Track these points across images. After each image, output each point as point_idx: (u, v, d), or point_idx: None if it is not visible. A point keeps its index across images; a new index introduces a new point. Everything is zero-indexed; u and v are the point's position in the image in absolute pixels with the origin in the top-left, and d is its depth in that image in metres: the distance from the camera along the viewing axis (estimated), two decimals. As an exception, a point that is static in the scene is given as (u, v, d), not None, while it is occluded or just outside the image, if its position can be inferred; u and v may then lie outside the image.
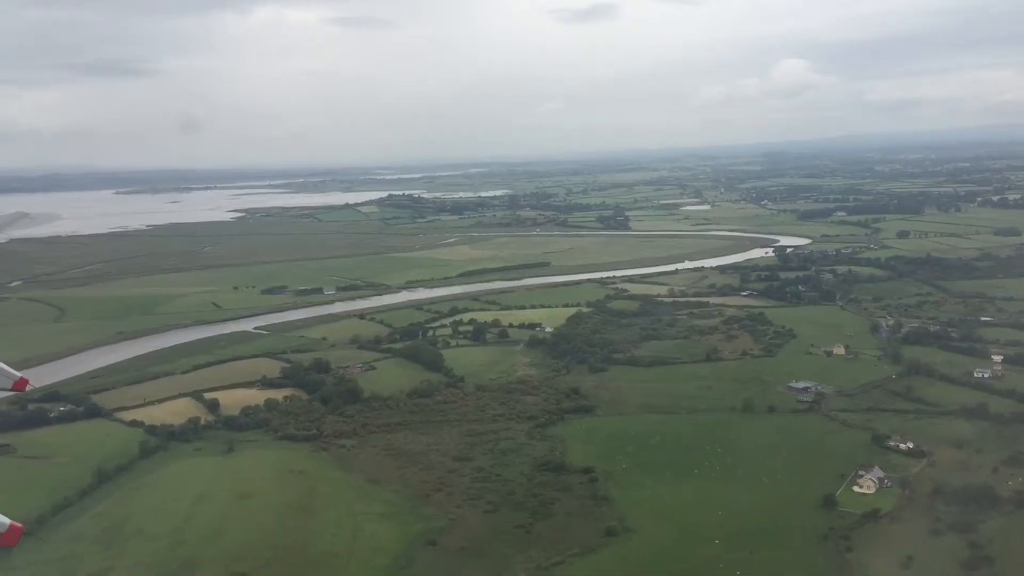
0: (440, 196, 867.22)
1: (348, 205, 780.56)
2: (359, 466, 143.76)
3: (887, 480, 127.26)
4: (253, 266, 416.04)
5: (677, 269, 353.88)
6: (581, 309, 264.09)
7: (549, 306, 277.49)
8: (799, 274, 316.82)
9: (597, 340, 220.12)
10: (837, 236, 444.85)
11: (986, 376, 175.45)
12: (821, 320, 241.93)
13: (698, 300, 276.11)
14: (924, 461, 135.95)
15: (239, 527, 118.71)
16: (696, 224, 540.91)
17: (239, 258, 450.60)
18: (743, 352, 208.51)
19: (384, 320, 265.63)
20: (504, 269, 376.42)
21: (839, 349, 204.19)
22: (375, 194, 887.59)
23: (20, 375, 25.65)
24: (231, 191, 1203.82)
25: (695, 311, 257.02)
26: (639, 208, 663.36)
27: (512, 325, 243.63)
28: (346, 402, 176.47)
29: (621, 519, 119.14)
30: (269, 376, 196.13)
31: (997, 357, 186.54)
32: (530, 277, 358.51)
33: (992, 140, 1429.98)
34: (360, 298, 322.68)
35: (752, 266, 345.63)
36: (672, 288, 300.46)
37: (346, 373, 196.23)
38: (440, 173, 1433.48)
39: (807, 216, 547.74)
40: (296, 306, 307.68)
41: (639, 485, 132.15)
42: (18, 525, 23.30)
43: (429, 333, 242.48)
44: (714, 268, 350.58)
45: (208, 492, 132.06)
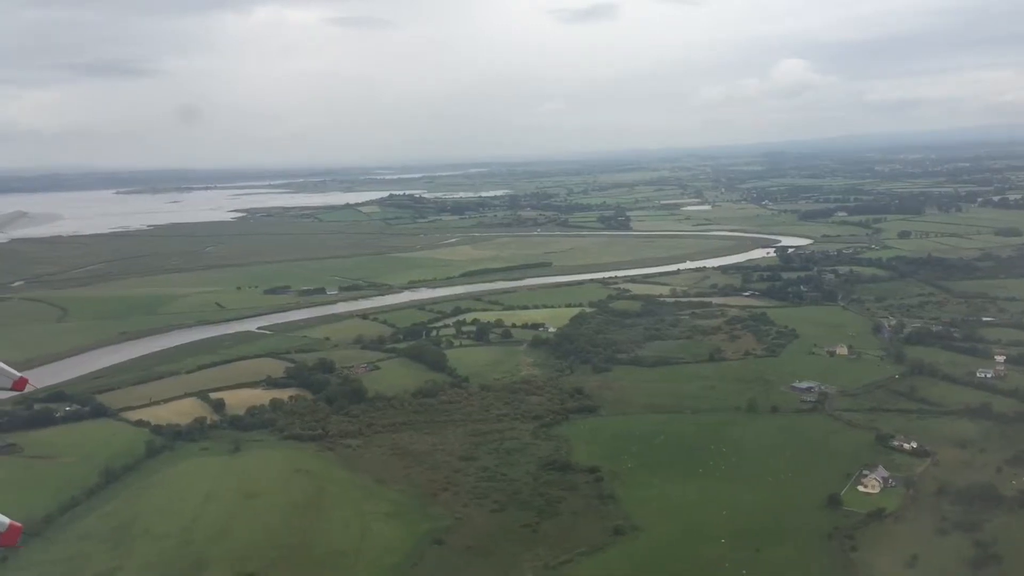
0: (441, 196, 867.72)
1: (349, 205, 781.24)
2: (365, 466, 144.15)
3: (891, 480, 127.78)
4: (255, 266, 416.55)
5: (679, 269, 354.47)
6: (584, 309, 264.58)
7: (552, 306, 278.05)
8: (801, 274, 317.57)
9: (600, 340, 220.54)
10: (838, 236, 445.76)
11: (989, 376, 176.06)
12: (823, 320, 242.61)
13: (700, 300, 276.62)
14: (928, 461, 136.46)
15: (247, 526, 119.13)
16: (697, 224, 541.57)
17: (241, 258, 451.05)
18: (746, 352, 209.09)
19: (387, 320, 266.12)
20: (506, 269, 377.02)
21: (842, 349, 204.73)
22: (375, 194, 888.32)
23: (20, 375, 25.64)
24: (231, 191, 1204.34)
25: (697, 311, 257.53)
26: (640, 208, 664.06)
27: (515, 325, 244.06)
28: (351, 402, 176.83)
29: (627, 518, 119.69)
30: (274, 376, 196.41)
31: (1000, 357, 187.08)
32: (532, 277, 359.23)
33: (992, 140, 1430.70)
34: (362, 298, 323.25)
35: (754, 266, 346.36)
36: (674, 288, 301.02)
37: (350, 373, 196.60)
38: (440, 173, 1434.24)
39: (808, 216, 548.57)
40: (299, 306, 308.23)
41: (645, 484, 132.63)
42: (17, 525, 23.19)
43: (432, 333, 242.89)
44: (716, 268, 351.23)
45: (215, 492, 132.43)
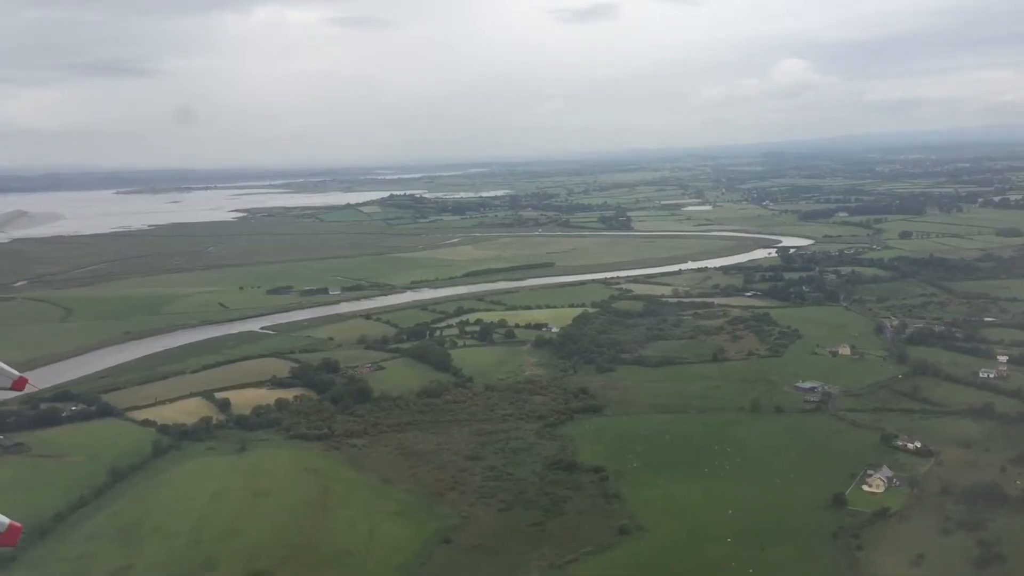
0: (441, 196, 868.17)
1: (349, 205, 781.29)
2: (371, 465, 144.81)
3: (896, 479, 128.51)
4: (257, 266, 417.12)
5: (680, 269, 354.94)
6: (586, 309, 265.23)
7: (554, 306, 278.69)
8: (803, 275, 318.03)
9: (604, 340, 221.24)
10: (839, 237, 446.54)
11: (991, 376, 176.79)
12: (826, 320, 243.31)
13: (703, 300, 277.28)
14: (932, 460, 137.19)
15: (255, 525, 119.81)
16: (698, 225, 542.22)
17: (242, 258, 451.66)
18: (749, 352, 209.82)
19: (390, 320, 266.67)
20: (508, 269, 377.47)
21: (844, 349, 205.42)
22: (376, 194, 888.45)
23: (19, 374, 25.42)
24: (232, 191, 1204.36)
25: (700, 311, 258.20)
26: (641, 208, 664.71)
27: (518, 325, 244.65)
28: (356, 402, 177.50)
29: (633, 518, 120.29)
30: (278, 376, 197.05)
31: (1002, 357, 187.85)
32: (534, 277, 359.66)
33: (992, 140, 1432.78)
34: (365, 298, 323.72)
35: (755, 267, 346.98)
36: (676, 289, 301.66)
37: (355, 373, 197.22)
38: (440, 173, 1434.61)
39: (809, 217, 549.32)
40: (302, 306, 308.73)
41: (650, 484, 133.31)
42: (17, 524, 23.09)
43: (436, 333, 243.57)
44: (717, 269, 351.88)
45: (223, 491, 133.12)
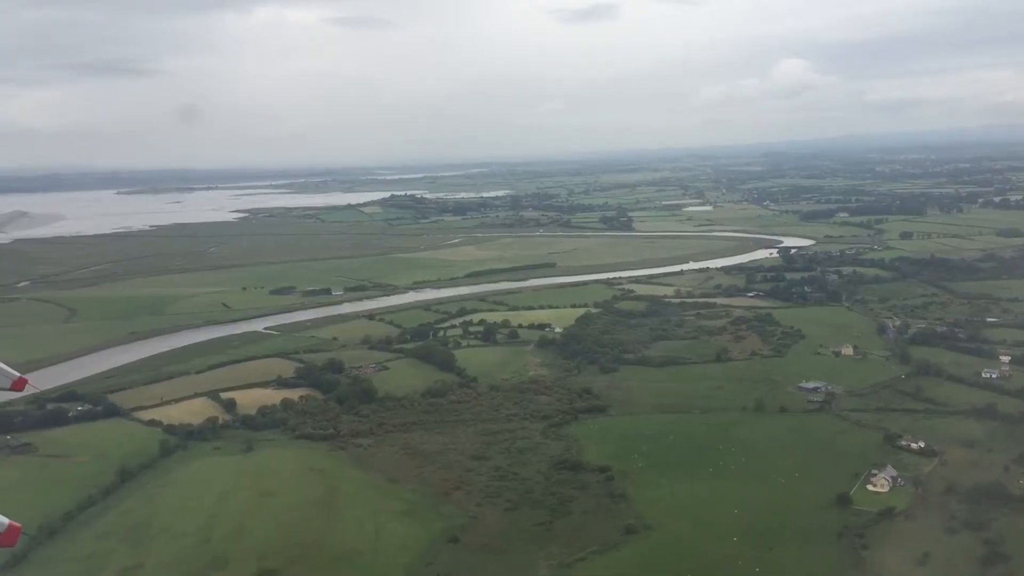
0: (442, 196, 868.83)
1: (350, 205, 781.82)
2: (377, 465, 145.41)
3: (900, 479, 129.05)
4: (259, 267, 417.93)
5: (682, 270, 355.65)
6: (589, 310, 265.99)
7: (557, 307, 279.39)
8: (804, 275, 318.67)
9: (607, 340, 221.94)
10: (840, 237, 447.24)
11: (994, 376, 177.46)
12: (828, 321, 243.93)
13: (705, 301, 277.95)
14: (936, 460, 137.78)
15: (264, 524, 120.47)
16: (699, 225, 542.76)
17: (245, 259, 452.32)
18: (752, 352, 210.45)
19: (393, 321, 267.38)
20: (510, 270, 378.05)
21: (847, 349, 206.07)
22: (377, 194, 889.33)
23: (19, 375, 25.29)
24: (232, 191, 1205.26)
25: (703, 312, 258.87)
26: (641, 209, 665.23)
27: (521, 326, 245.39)
28: (361, 402, 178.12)
29: (639, 517, 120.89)
30: (283, 376, 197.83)
31: (1005, 358, 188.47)
32: (536, 278, 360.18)
33: (992, 140, 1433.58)
34: (368, 299, 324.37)
35: (757, 267, 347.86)
36: (679, 289, 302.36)
37: (360, 373, 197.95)
38: (441, 173, 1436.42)
39: (810, 217, 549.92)
40: (305, 307, 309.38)
41: (655, 484, 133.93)
42: (16, 525, 23.19)
43: (439, 334, 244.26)
44: (719, 269, 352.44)
45: (230, 490, 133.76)
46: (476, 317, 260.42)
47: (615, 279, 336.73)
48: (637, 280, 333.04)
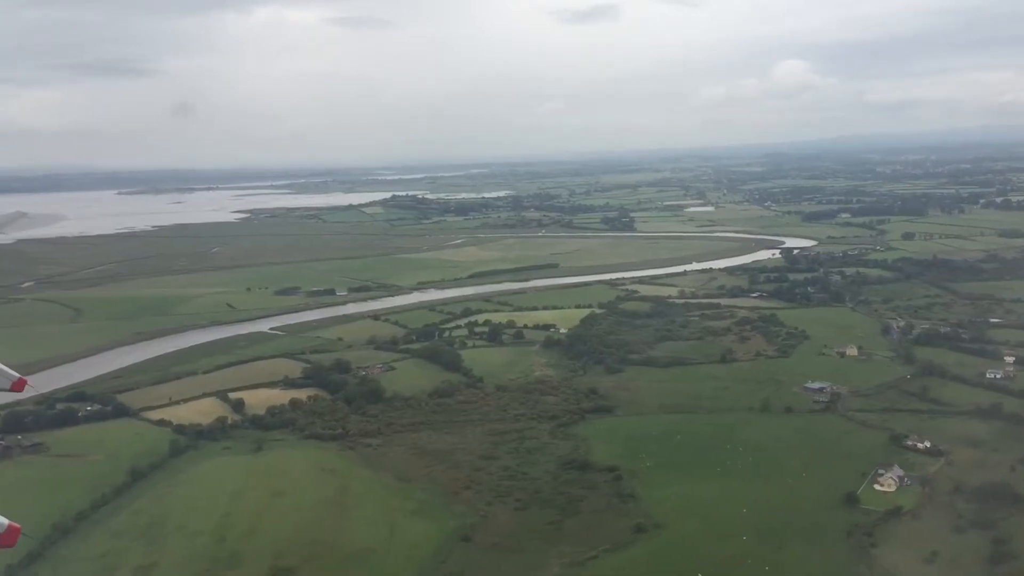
0: (443, 197, 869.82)
1: (352, 206, 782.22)
2: (387, 465, 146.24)
3: (907, 478, 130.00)
4: (262, 267, 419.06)
5: (685, 271, 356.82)
6: (594, 310, 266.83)
7: (561, 307, 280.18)
8: (807, 276, 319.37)
9: (612, 341, 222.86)
10: (843, 238, 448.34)
11: (998, 377, 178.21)
12: (832, 321, 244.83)
13: (709, 301, 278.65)
14: (942, 460, 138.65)
15: (277, 523, 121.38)
16: (701, 226, 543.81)
17: (248, 259, 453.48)
18: (757, 353, 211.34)
19: (398, 321, 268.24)
20: (513, 270, 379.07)
21: (852, 350, 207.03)
22: (378, 195, 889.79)
23: (19, 376, 25.43)
24: (233, 191, 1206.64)
25: (707, 312, 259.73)
26: (643, 209, 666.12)
27: (526, 326, 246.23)
28: (369, 402, 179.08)
29: (649, 516, 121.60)
30: (291, 376, 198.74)
31: (1009, 358, 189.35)
32: (539, 278, 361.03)
33: (992, 141, 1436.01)
34: (372, 299, 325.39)
35: (760, 268, 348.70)
36: (682, 290, 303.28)
37: (367, 373, 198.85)
38: (441, 174, 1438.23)
39: (812, 217, 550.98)
40: (309, 307, 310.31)
41: (664, 483, 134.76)
42: (16, 525, 23.50)
43: (445, 334, 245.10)
44: (722, 270, 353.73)
45: (242, 489, 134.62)
46: (481, 318, 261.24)
47: (618, 280, 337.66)
48: (640, 281, 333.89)
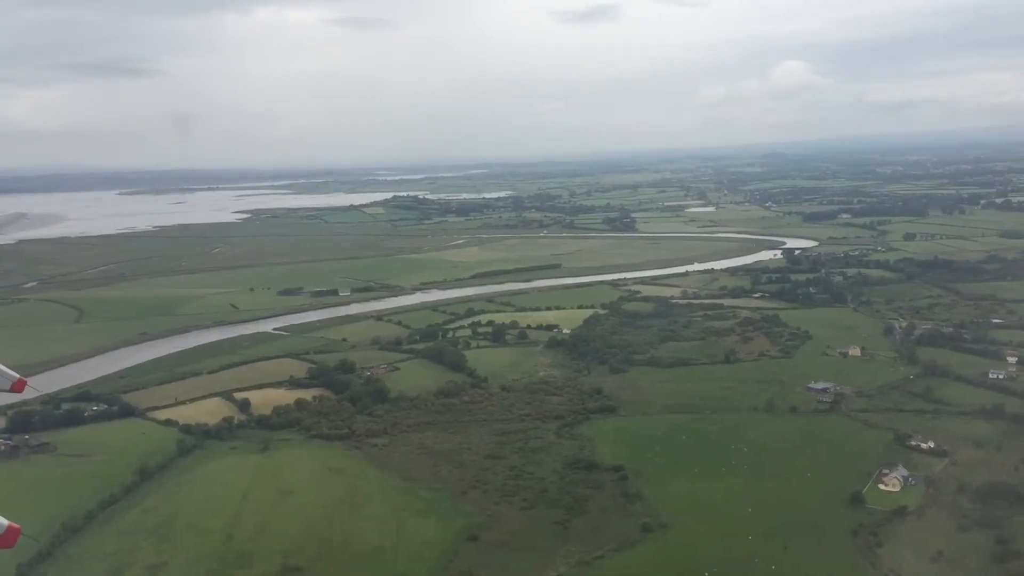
0: (444, 197, 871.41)
1: (353, 206, 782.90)
2: (393, 464, 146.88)
3: (912, 478, 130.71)
4: (265, 267, 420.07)
5: (687, 271, 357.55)
6: (596, 311, 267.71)
7: (564, 308, 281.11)
8: (809, 276, 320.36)
9: (616, 341, 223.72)
10: (844, 238, 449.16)
11: (1001, 377, 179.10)
12: (835, 322, 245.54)
13: (711, 302, 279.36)
14: (946, 460, 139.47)
15: (286, 522, 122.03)
16: (702, 226, 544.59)
17: (250, 259, 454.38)
18: (760, 353, 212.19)
19: (402, 321, 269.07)
20: (515, 271, 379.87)
21: (855, 350, 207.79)
22: (379, 195, 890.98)
23: (19, 376, 25.49)
24: (234, 192, 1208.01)
25: (709, 313, 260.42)
26: (644, 210, 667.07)
27: (529, 326, 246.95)
28: (374, 402, 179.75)
29: (655, 515, 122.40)
30: (296, 376, 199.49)
31: (1012, 359, 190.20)
32: (542, 279, 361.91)
33: (991, 142, 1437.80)
34: (375, 299, 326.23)
35: (762, 268, 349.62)
36: (685, 290, 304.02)
37: (372, 374, 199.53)
38: (442, 174, 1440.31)
39: (813, 218, 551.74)
40: (313, 307, 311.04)
41: (670, 483, 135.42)
42: (15, 526, 23.48)
43: (449, 334, 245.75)
44: (724, 270, 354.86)
45: (251, 489, 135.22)
46: (484, 318, 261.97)
47: (620, 280, 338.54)
48: (642, 281, 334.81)
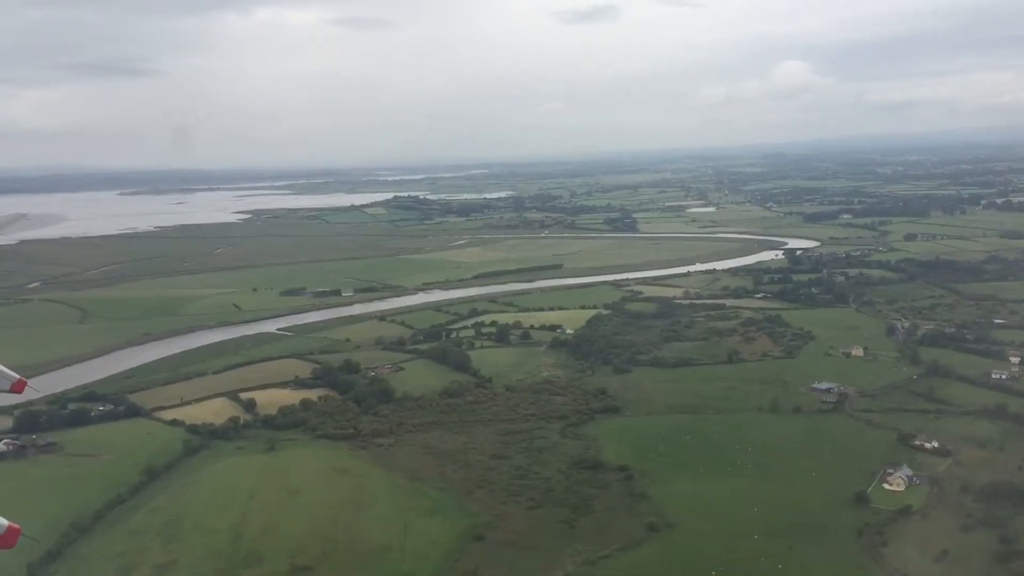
0: (445, 198, 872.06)
1: (354, 207, 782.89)
2: (399, 464, 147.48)
3: (916, 478, 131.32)
4: (266, 268, 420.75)
5: (689, 272, 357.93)
6: (599, 311, 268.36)
7: (566, 308, 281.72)
8: (811, 277, 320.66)
9: (619, 342, 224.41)
10: (845, 238, 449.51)
11: (1004, 377, 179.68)
12: (837, 322, 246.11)
13: (714, 302, 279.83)
14: (950, 460, 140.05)
15: (294, 522, 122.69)
16: (703, 226, 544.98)
17: (252, 260, 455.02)
18: (763, 354, 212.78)
19: (405, 322, 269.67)
20: (517, 271, 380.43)
21: (858, 351, 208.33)
22: (379, 195, 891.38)
23: (19, 377, 25.58)
24: (234, 192, 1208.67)
25: (712, 313, 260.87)
26: (645, 210, 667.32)
27: (533, 327, 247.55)
28: (379, 402, 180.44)
29: (661, 515, 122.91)
30: (300, 377, 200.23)
31: (1014, 359, 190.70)
32: (544, 279, 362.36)
33: (992, 142, 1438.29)
34: (378, 300, 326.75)
35: (764, 268, 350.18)
36: (687, 290, 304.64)
37: (377, 374, 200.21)
38: (442, 174, 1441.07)
39: (813, 218, 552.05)
40: (315, 308, 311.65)
41: (675, 483, 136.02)
42: (15, 526, 23.67)
43: (452, 335, 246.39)
44: (726, 271, 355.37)
45: (258, 489, 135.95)
46: (487, 318, 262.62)
47: (622, 280, 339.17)
48: (644, 282, 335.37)
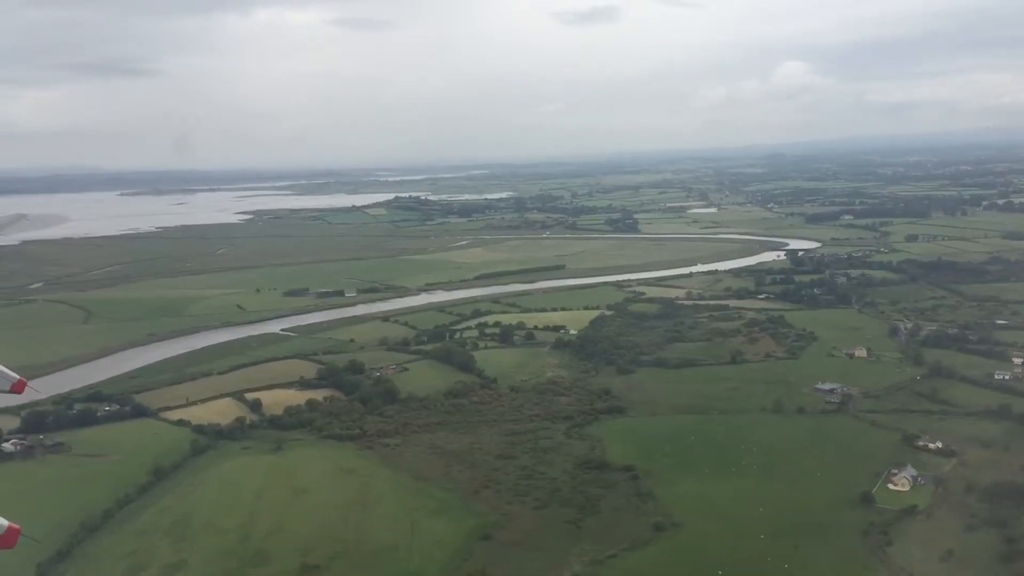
0: (446, 198, 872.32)
1: (355, 207, 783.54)
2: (405, 464, 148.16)
3: (920, 478, 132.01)
4: (269, 268, 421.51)
5: (691, 272, 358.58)
6: (602, 312, 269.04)
7: (569, 308, 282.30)
8: (813, 277, 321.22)
9: (623, 342, 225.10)
10: (847, 239, 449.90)
11: (1007, 378, 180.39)
12: (840, 323, 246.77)
13: (717, 303, 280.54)
14: (954, 460, 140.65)
15: (301, 522, 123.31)
16: (705, 227, 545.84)
17: (255, 260, 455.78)
18: (766, 354, 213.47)
19: (408, 322, 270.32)
20: (519, 272, 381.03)
21: (861, 351, 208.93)
22: (380, 196, 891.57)
23: (19, 377, 25.60)
24: (235, 193, 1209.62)
25: (715, 314, 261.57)
26: (646, 211, 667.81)
27: (536, 327, 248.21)
28: (385, 402, 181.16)
29: (667, 515, 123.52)
30: (305, 377, 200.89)
31: (1018, 359, 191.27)
32: (546, 280, 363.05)
33: (992, 142, 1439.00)
34: (381, 300, 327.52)
35: (766, 269, 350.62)
36: (689, 291, 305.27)
37: (382, 374, 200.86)
38: (442, 175, 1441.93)
39: (815, 219, 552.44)
40: (319, 308, 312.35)
41: (680, 483, 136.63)
42: (16, 526, 23.68)
43: (456, 335, 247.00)
44: (728, 271, 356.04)
45: (265, 488, 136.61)
46: (491, 319, 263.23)
47: (625, 281, 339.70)
48: (647, 282, 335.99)
